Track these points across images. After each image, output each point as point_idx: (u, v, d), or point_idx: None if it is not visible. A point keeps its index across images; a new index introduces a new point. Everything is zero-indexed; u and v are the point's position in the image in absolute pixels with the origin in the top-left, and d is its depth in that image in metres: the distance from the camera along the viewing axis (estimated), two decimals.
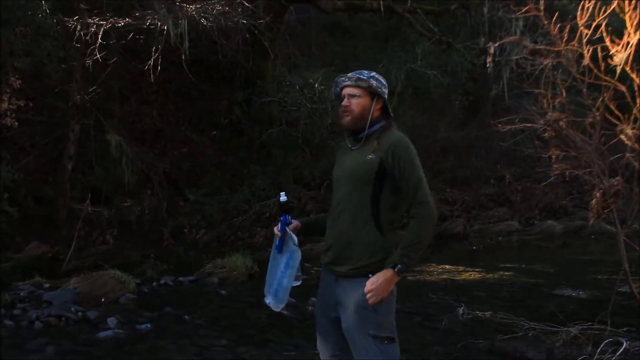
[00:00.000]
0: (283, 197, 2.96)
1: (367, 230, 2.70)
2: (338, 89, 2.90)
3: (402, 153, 2.70)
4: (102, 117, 9.61)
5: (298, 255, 2.88)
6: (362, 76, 2.83)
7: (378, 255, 2.69)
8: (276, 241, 2.97)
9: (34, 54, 7.96)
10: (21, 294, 6.57)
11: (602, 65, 4.32)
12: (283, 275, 2.91)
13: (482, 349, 4.98)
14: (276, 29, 11.30)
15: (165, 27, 8.15)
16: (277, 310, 2.98)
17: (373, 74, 2.87)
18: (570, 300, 6.77)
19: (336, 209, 2.82)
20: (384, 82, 2.88)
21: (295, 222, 2.97)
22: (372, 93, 2.82)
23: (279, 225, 2.94)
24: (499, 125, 5.33)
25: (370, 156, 2.73)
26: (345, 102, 2.82)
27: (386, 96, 2.87)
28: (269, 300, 2.98)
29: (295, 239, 2.88)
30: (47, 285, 6.85)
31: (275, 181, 10.87)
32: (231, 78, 11.81)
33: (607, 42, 4.26)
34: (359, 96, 2.81)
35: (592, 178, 4.69)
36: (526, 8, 4.87)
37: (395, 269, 2.62)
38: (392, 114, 2.90)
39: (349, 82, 2.84)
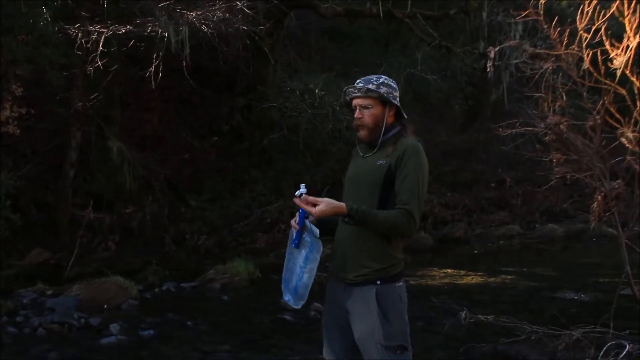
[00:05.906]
0: (302, 189, 2.74)
1: (374, 237, 2.64)
2: (347, 98, 2.79)
3: (409, 156, 2.63)
4: (104, 123, 9.64)
5: (319, 248, 2.71)
6: (371, 86, 2.71)
7: (386, 262, 2.66)
8: (293, 235, 2.79)
9: (35, 62, 8.00)
10: (24, 300, 6.57)
11: (602, 68, 4.34)
12: (303, 270, 2.75)
13: (485, 353, 4.98)
14: (276, 35, 11.33)
15: (166, 34, 8.18)
16: (298, 307, 2.80)
17: (382, 79, 2.76)
18: (572, 303, 6.76)
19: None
20: (394, 85, 2.79)
21: (311, 218, 2.75)
22: (384, 101, 2.72)
23: (297, 217, 2.74)
24: (500, 129, 5.34)
25: (380, 161, 2.67)
26: (357, 114, 2.73)
27: (397, 100, 2.76)
28: (287, 298, 2.82)
29: (317, 231, 2.70)
30: (49, 292, 6.85)
31: (276, 187, 10.88)
32: (232, 84, 11.83)
33: (607, 46, 4.28)
34: (370, 107, 2.71)
35: (593, 181, 4.70)
36: (526, 12, 4.88)
37: (348, 211, 2.57)
38: (405, 116, 2.81)
39: (358, 94, 2.73)
